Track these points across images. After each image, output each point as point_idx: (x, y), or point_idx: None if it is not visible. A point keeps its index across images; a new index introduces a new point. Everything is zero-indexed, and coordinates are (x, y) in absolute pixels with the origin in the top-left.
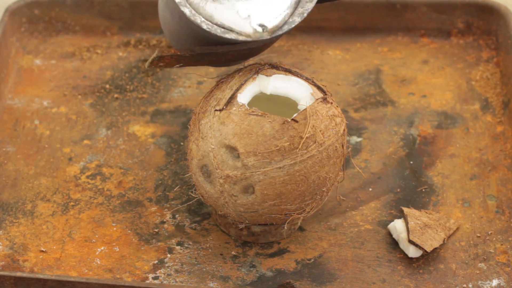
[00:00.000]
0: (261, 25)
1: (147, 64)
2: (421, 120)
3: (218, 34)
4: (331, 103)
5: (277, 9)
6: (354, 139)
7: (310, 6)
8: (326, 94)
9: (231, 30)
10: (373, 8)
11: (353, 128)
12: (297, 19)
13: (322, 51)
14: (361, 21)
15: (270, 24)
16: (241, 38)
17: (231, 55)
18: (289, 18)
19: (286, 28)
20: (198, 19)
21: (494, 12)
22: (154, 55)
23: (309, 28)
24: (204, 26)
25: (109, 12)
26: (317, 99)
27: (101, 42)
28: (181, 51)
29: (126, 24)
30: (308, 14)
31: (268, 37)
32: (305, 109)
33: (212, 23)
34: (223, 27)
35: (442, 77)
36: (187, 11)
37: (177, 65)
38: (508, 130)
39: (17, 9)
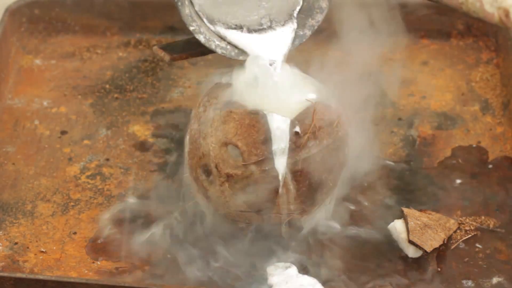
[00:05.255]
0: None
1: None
2: (421, 121)
3: (233, 58)
4: (333, 102)
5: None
6: None
7: (320, 17)
8: (328, 94)
9: (244, 50)
10: None
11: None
12: (307, 32)
13: (322, 52)
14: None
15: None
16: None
17: None
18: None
19: (297, 42)
20: (213, 45)
21: None
22: (167, 60)
23: None
24: (219, 51)
25: (109, 12)
26: (319, 98)
27: (101, 42)
28: (193, 54)
29: (126, 24)
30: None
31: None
32: (307, 108)
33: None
34: (236, 47)
35: (442, 78)
36: (201, 38)
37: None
38: (508, 131)
39: (17, 9)
